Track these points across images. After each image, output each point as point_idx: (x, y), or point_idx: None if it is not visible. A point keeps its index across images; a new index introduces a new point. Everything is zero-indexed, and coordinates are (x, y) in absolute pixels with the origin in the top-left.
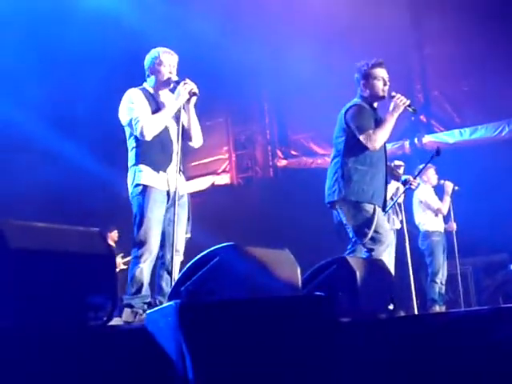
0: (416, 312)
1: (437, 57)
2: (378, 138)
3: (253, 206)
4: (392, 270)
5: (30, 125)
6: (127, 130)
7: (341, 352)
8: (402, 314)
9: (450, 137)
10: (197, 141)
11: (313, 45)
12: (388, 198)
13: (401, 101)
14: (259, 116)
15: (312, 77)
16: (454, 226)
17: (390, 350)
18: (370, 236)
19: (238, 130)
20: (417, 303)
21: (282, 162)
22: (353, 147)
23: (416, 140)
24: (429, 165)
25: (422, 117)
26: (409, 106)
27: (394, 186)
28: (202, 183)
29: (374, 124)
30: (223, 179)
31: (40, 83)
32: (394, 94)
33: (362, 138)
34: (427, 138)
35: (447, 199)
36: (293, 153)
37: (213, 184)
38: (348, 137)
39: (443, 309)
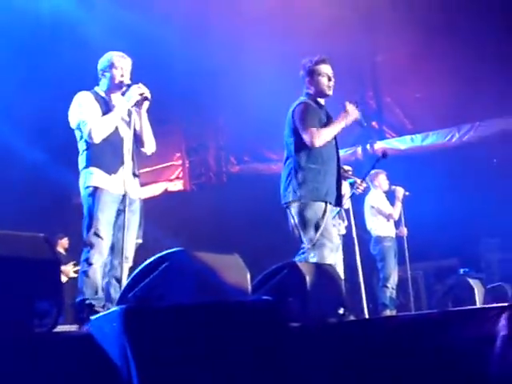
0: (367, 316)
1: (389, 64)
2: (321, 136)
3: (206, 212)
4: (341, 274)
5: None
6: (77, 133)
7: (290, 357)
8: (353, 318)
9: (402, 143)
10: (149, 147)
11: (267, 50)
12: (344, 194)
13: (352, 116)
14: (212, 122)
15: (266, 83)
16: (405, 231)
17: (341, 354)
18: (315, 239)
19: (190, 136)
20: (368, 308)
21: (235, 168)
22: (303, 146)
23: (368, 146)
24: (380, 170)
25: (374, 123)
26: (358, 120)
27: (345, 185)
28: (155, 189)
29: (322, 120)
30: (176, 185)
31: None
32: (347, 103)
33: (304, 135)
34: (379, 144)
35: (398, 204)
36: (246, 159)
37: (166, 190)
38: (297, 136)
39: (394, 313)
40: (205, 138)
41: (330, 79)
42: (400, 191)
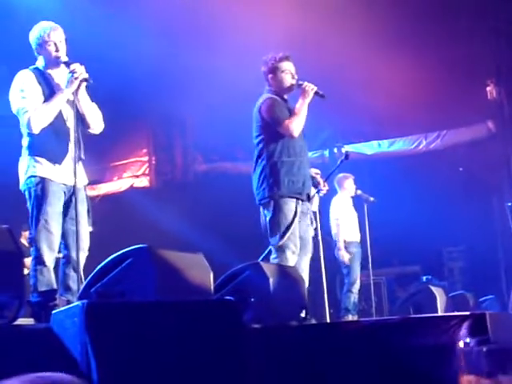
0: (328, 320)
1: (358, 68)
2: (295, 126)
3: (171, 210)
4: (306, 277)
5: None
6: (20, 118)
7: (250, 357)
8: (314, 321)
9: (369, 148)
10: (96, 126)
11: (235, 48)
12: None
13: (309, 87)
14: (180, 119)
15: (234, 81)
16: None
17: (301, 356)
18: (283, 240)
19: (158, 134)
20: (330, 312)
21: (202, 167)
22: (274, 141)
23: (335, 150)
24: (347, 174)
25: (341, 127)
26: (317, 92)
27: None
28: (120, 185)
29: (289, 114)
30: (142, 182)
31: None
32: (301, 82)
33: (279, 128)
34: (346, 149)
35: (341, 238)
36: (213, 158)
37: (131, 186)
38: (267, 132)
39: (356, 318)
40: (172, 136)
41: (293, 77)
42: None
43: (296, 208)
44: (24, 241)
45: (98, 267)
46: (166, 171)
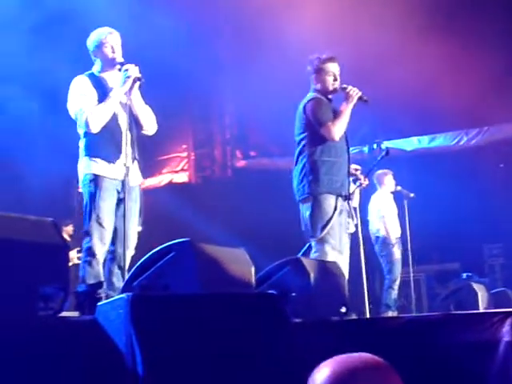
0: (368, 316)
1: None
2: (337, 129)
3: (210, 206)
4: (346, 273)
5: None
6: (78, 120)
7: (290, 351)
8: (354, 317)
9: (408, 144)
10: (149, 128)
11: (273, 47)
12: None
13: (353, 92)
14: (219, 115)
15: (273, 77)
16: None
17: (340, 352)
18: (322, 235)
19: (197, 129)
20: (369, 308)
21: (241, 163)
22: (316, 141)
23: (375, 146)
24: (386, 170)
25: (381, 123)
26: (361, 97)
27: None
28: (159, 180)
29: (333, 115)
30: (181, 177)
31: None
32: (345, 86)
33: (322, 130)
34: (386, 145)
35: (392, 234)
36: (252, 153)
37: (170, 182)
38: (310, 131)
39: (395, 314)
40: (212, 132)
41: (335, 79)
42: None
43: (336, 204)
44: (65, 235)
45: (141, 261)
46: (205, 167)
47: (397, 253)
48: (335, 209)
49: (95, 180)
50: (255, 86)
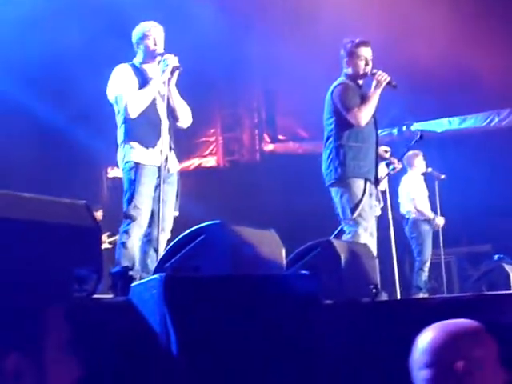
0: (399, 297)
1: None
2: (363, 115)
3: (238, 190)
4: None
5: (14, 95)
6: (115, 107)
7: (322, 332)
8: (385, 298)
9: (439, 126)
10: (185, 120)
11: (302, 31)
12: (380, 176)
13: (382, 77)
14: (247, 99)
15: (301, 61)
16: (442, 221)
17: (372, 333)
18: (353, 217)
19: (225, 113)
20: (400, 290)
21: (269, 147)
22: (343, 126)
23: (404, 128)
24: (417, 151)
25: (411, 105)
26: (389, 82)
27: (382, 166)
28: (188, 164)
29: (360, 101)
30: (209, 161)
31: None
32: (375, 71)
33: (348, 116)
34: (416, 127)
35: (427, 213)
36: (280, 137)
37: (199, 166)
38: (337, 117)
39: (427, 296)
40: (240, 116)
41: (367, 63)
42: (440, 221)
43: (365, 186)
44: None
45: (173, 243)
46: (234, 151)
47: (427, 235)
48: (364, 191)
49: (136, 167)
50: (284, 70)
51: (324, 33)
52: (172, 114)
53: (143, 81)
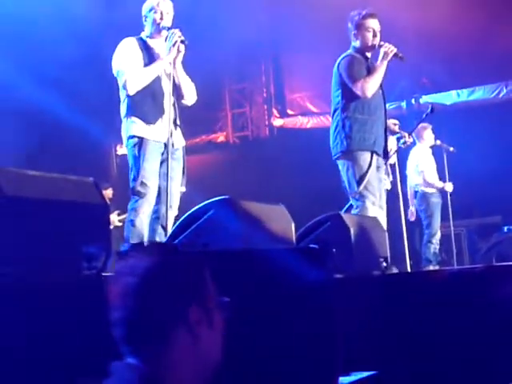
0: (409, 270)
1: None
2: (369, 86)
3: (249, 165)
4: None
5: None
6: (118, 81)
7: (333, 306)
8: (396, 271)
9: (448, 98)
10: (189, 98)
11: (311, 6)
12: (391, 149)
13: (389, 49)
14: (256, 75)
15: (309, 37)
16: (451, 186)
17: (383, 306)
18: (359, 190)
19: (234, 89)
20: (410, 263)
21: (279, 122)
22: (349, 98)
23: (413, 101)
24: (425, 124)
25: (421, 78)
26: (396, 54)
27: (392, 140)
28: (197, 140)
29: (367, 73)
30: (219, 137)
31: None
32: (382, 43)
33: (353, 87)
34: (424, 99)
35: (437, 184)
36: (289, 112)
37: (208, 141)
38: (344, 89)
39: (437, 268)
40: (249, 91)
41: (375, 35)
42: (449, 187)
43: (371, 160)
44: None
45: (181, 219)
46: (243, 126)
47: (436, 207)
48: (370, 164)
49: (139, 143)
50: (293, 45)
51: (333, 7)
52: (177, 91)
53: (149, 56)
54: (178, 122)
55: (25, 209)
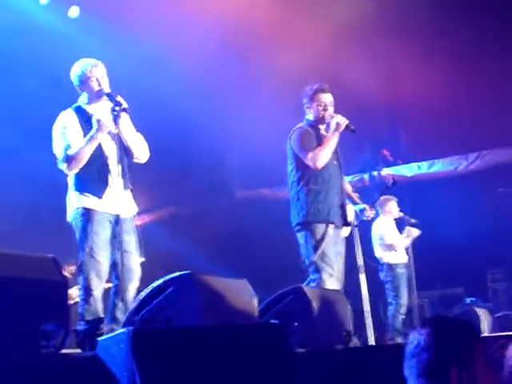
0: (373, 343)
1: (398, 92)
2: (320, 157)
3: (212, 238)
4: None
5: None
6: (58, 160)
7: (296, 381)
8: (359, 344)
9: (409, 170)
10: (141, 155)
11: (269, 82)
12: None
13: (341, 120)
14: (219, 149)
15: (270, 112)
16: (417, 232)
17: (346, 380)
18: (315, 260)
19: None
20: (375, 335)
21: (241, 194)
22: (302, 170)
23: (375, 173)
24: (390, 196)
25: (385, 151)
26: (348, 126)
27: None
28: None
29: (318, 145)
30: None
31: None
32: (334, 114)
33: (305, 158)
34: (386, 171)
35: (406, 241)
36: (251, 184)
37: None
38: (296, 161)
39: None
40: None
41: (325, 109)
42: (415, 232)
43: (325, 232)
44: (67, 273)
45: (141, 295)
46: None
47: (402, 278)
48: (324, 235)
49: (86, 214)
50: (253, 118)
51: (290, 80)
52: (126, 151)
53: (90, 126)
54: (130, 186)
55: None
